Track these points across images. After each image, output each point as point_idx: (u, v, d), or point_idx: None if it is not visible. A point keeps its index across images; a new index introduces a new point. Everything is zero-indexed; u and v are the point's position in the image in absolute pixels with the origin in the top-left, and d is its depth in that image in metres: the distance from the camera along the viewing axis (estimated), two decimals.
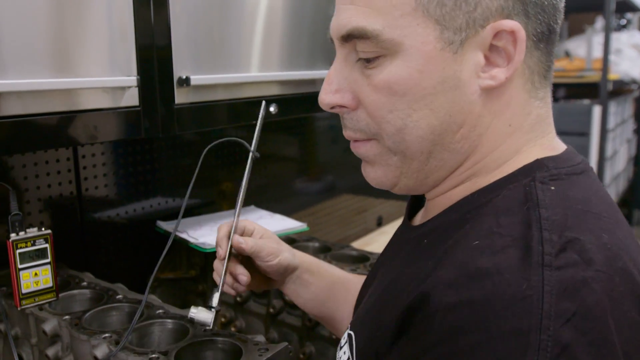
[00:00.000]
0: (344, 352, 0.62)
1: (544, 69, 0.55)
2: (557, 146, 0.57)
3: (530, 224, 0.47)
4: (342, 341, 0.65)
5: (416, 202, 0.70)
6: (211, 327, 0.73)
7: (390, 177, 0.58)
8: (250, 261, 0.82)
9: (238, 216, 0.80)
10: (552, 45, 0.55)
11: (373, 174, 0.59)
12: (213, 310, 0.73)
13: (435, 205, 0.59)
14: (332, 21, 0.57)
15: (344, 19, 0.54)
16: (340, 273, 0.89)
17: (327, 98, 0.57)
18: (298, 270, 0.84)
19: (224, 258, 0.76)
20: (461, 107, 0.53)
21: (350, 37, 0.53)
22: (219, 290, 0.75)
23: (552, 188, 0.51)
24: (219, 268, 0.77)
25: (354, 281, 0.86)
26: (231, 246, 0.78)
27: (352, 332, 0.61)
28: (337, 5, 0.56)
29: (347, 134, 0.59)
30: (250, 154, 0.81)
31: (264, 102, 0.83)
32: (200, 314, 0.73)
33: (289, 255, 0.83)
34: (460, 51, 0.51)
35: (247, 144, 0.82)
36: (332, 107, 0.57)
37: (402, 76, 0.52)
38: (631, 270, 0.47)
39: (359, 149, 0.59)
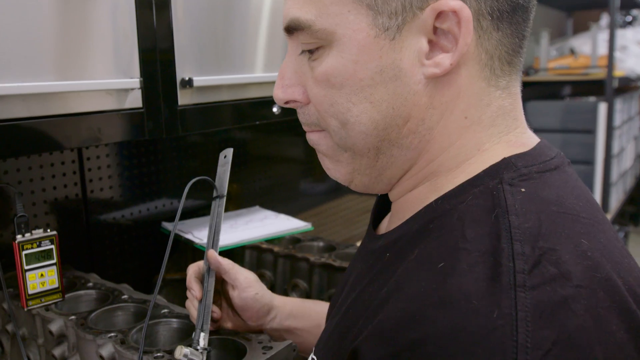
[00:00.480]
0: None
1: (506, 54, 0.49)
2: (527, 141, 0.51)
3: (499, 235, 0.42)
4: None
5: (383, 206, 0.65)
6: None
7: (343, 173, 0.55)
8: (226, 301, 0.80)
9: (209, 248, 0.78)
10: (518, 25, 0.49)
11: (332, 170, 0.56)
12: (204, 351, 0.70)
13: (399, 209, 0.55)
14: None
15: (285, 10, 0.51)
16: (326, 308, 0.82)
17: (279, 93, 0.54)
18: (278, 318, 0.80)
19: (200, 298, 0.75)
20: (405, 98, 0.48)
21: (291, 29, 0.51)
22: (205, 330, 0.72)
23: (523, 190, 0.46)
24: (192, 309, 0.75)
25: None
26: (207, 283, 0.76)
27: (314, 358, 0.56)
28: None
29: (304, 127, 0.56)
30: (215, 194, 0.80)
31: (228, 151, 0.81)
32: (192, 356, 0.69)
33: (268, 296, 0.79)
34: (399, 37, 0.47)
35: (215, 186, 0.81)
36: (287, 102, 0.55)
37: (337, 67, 0.49)
38: (615, 280, 0.41)
39: (312, 137, 0.56)
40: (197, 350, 0.70)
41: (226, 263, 0.77)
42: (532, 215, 0.43)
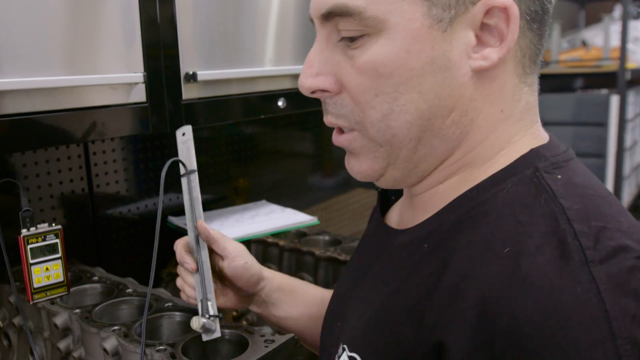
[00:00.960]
0: None
1: (534, 53, 0.52)
2: (544, 134, 0.55)
3: (555, 217, 0.44)
4: None
5: (384, 201, 0.66)
6: (220, 334, 0.72)
7: (377, 169, 0.54)
8: (216, 274, 0.79)
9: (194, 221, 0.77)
10: (544, 28, 0.52)
11: (358, 167, 0.55)
12: (216, 318, 0.71)
13: (424, 202, 0.56)
14: (312, 2, 0.53)
15: None
16: (316, 290, 0.85)
17: (307, 82, 0.53)
18: (267, 288, 0.80)
19: (197, 269, 0.74)
20: (451, 89, 0.49)
21: (332, 15, 0.50)
22: (211, 299, 0.72)
23: (559, 177, 0.49)
24: (187, 288, 0.75)
25: (327, 298, 0.82)
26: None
27: (354, 355, 0.55)
28: None
29: (327, 119, 0.55)
30: (184, 172, 0.80)
31: (186, 128, 0.80)
32: (209, 326, 0.71)
33: (257, 266, 0.79)
34: (450, 30, 0.48)
35: (182, 162, 0.80)
36: (313, 92, 0.54)
37: (387, 56, 0.48)
38: None
39: (341, 141, 0.55)
40: (210, 319, 0.71)
41: (214, 232, 0.76)
42: (576, 199, 0.46)
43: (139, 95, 0.88)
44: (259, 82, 1.05)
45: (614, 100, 2.65)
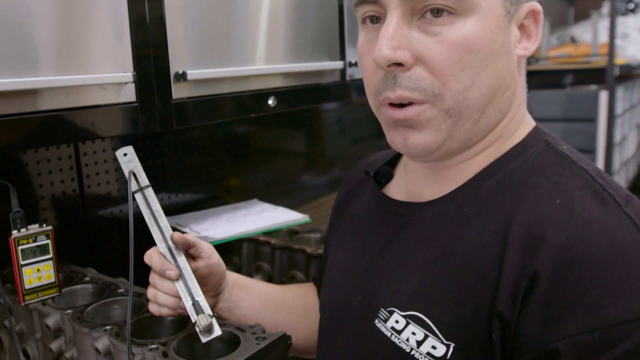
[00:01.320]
0: (413, 333, 0.60)
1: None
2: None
3: (582, 176, 0.57)
4: (397, 324, 0.62)
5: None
6: (220, 332, 0.71)
7: (438, 141, 0.60)
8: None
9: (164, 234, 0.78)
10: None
11: (421, 139, 0.60)
12: (214, 317, 0.71)
13: (456, 173, 0.64)
14: None
15: None
16: (260, 284, 0.90)
17: (389, 53, 0.56)
18: (228, 285, 0.83)
19: (178, 276, 0.73)
20: (510, 71, 0.60)
21: None
22: (202, 299, 0.72)
23: (565, 147, 0.62)
24: (164, 297, 0.74)
25: (279, 292, 0.89)
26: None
27: (412, 313, 0.61)
28: None
29: (398, 94, 0.58)
30: (137, 188, 0.80)
31: (127, 149, 0.81)
32: (212, 326, 0.71)
33: (222, 263, 0.81)
34: (510, 21, 0.59)
35: (136, 179, 0.81)
36: (389, 65, 0.57)
37: (479, 34, 0.56)
38: None
39: (409, 113, 0.59)
40: (214, 317, 0.71)
41: (190, 237, 0.76)
42: (586, 162, 0.60)
43: (129, 95, 0.88)
44: (249, 80, 1.05)
45: (603, 96, 2.67)
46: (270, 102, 1.10)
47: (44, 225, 0.87)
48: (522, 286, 0.53)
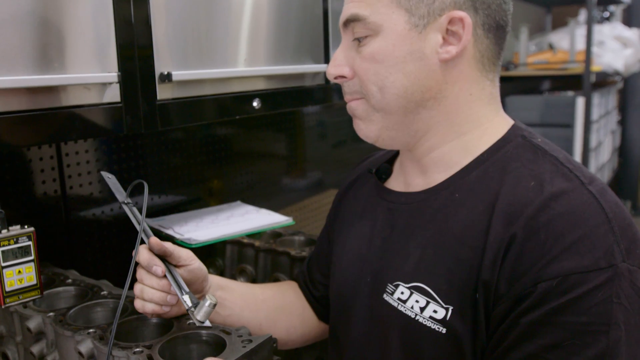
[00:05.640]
0: (416, 301, 0.71)
1: (493, 56, 0.73)
2: (509, 118, 0.77)
3: (553, 163, 0.69)
4: (402, 295, 0.73)
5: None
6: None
7: (373, 130, 0.75)
8: None
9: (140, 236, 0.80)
10: (501, 40, 0.74)
11: (363, 127, 0.76)
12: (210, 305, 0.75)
13: (434, 163, 0.76)
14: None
15: (346, 9, 0.73)
16: (244, 285, 0.95)
17: (332, 70, 0.75)
18: (211, 288, 0.86)
19: (164, 273, 0.77)
20: (426, 73, 0.71)
21: (349, 22, 0.73)
22: (189, 292, 0.76)
23: (539, 140, 0.73)
24: (155, 284, 0.77)
25: (259, 291, 0.94)
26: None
27: (416, 284, 0.72)
28: (345, 3, 0.74)
29: (346, 97, 0.77)
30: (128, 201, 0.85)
31: (109, 174, 0.87)
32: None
33: (203, 266, 0.83)
34: (424, 32, 0.70)
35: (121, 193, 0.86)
36: (336, 78, 0.76)
37: (381, 48, 0.71)
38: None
39: (352, 104, 0.76)
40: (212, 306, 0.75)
41: (169, 245, 0.79)
42: (558, 152, 0.72)
43: (114, 95, 0.87)
44: (234, 82, 1.05)
45: (580, 102, 2.71)
46: (255, 104, 1.10)
47: (26, 227, 0.85)
48: (501, 250, 0.65)
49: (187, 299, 0.75)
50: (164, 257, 0.78)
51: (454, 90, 0.72)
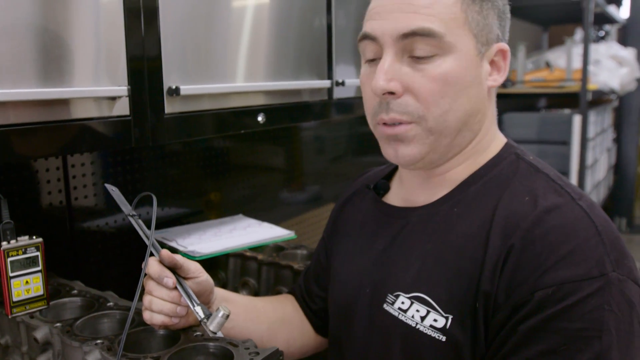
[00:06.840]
0: (417, 310, 0.73)
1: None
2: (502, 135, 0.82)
3: (545, 179, 0.73)
4: (403, 305, 0.75)
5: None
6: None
7: (422, 153, 0.74)
8: None
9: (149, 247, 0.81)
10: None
11: (408, 151, 0.74)
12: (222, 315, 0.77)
13: (444, 181, 0.77)
14: (379, 24, 0.72)
15: (407, 20, 0.69)
16: (246, 297, 0.96)
17: (384, 84, 0.71)
18: (217, 300, 0.87)
19: (175, 284, 0.78)
20: (481, 98, 0.75)
21: (414, 35, 0.69)
22: (201, 304, 0.78)
23: (531, 158, 0.77)
24: (165, 295, 0.78)
25: (260, 304, 0.95)
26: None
27: (416, 294, 0.74)
28: (386, 12, 0.71)
29: (390, 116, 0.72)
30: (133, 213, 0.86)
31: (112, 187, 0.87)
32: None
33: (210, 279, 0.84)
34: (481, 59, 0.73)
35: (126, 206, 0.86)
36: (384, 93, 0.72)
37: (455, 70, 0.71)
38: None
39: (400, 129, 0.73)
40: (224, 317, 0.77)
41: (179, 258, 0.80)
42: (549, 169, 0.75)
43: (123, 108, 0.88)
44: (239, 97, 1.06)
45: (576, 119, 2.74)
46: (259, 118, 1.11)
47: (34, 237, 0.86)
48: (500, 261, 0.67)
49: (199, 310, 0.76)
50: (173, 269, 0.79)
51: (487, 114, 0.77)
